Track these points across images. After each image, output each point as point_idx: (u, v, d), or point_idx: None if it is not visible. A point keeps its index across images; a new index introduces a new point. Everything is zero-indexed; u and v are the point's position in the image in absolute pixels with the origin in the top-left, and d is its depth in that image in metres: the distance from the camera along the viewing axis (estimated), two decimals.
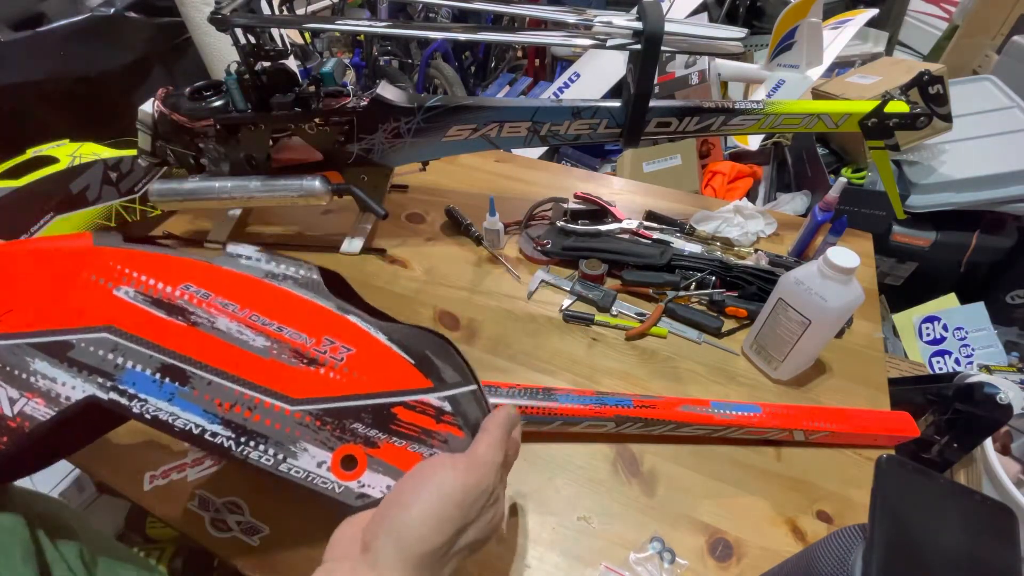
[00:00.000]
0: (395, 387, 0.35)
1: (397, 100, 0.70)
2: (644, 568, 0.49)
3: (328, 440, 0.34)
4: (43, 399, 0.34)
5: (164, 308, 0.34)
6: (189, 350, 0.34)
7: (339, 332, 0.35)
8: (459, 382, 0.36)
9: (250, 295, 0.35)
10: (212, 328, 0.34)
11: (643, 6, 0.63)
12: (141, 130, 0.75)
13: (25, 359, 0.34)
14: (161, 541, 0.86)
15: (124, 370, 0.34)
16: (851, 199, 1.25)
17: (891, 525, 0.31)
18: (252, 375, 0.34)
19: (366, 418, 0.34)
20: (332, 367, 0.34)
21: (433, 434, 0.35)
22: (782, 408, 0.58)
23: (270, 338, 0.34)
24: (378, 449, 0.34)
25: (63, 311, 0.34)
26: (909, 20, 2.01)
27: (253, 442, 0.34)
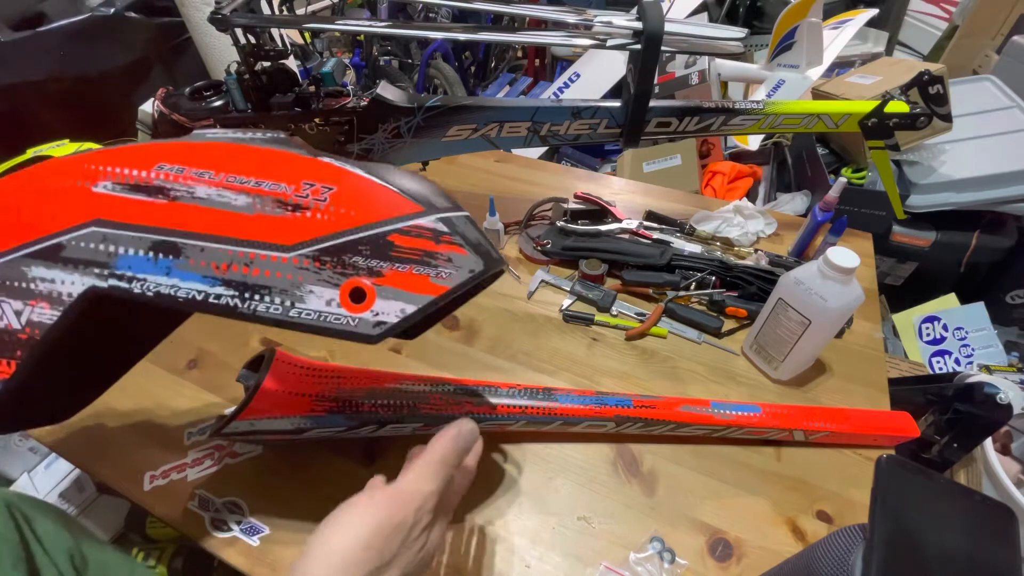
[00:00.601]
0: (386, 215, 0.34)
1: (397, 100, 0.70)
2: (644, 568, 0.49)
3: (332, 278, 0.34)
4: (47, 302, 0.35)
5: (143, 191, 0.35)
6: (175, 223, 0.34)
7: (316, 174, 0.34)
8: (450, 207, 0.35)
9: (222, 160, 0.35)
10: (192, 198, 0.34)
11: (643, 6, 0.63)
12: (141, 130, 0.75)
13: (22, 270, 0.35)
14: (161, 541, 0.86)
15: (117, 256, 0.35)
16: (851, 199, 1.25)
17: (891, 525, 0.31)
18: (241, 232, 0.34)
19: (364, 250, 0.34)
20: (318, 208, 0.34)
21: (435, 255, 0.34)
22: (782, 408, 0.58)
23: (250, 194, 0.34)
24: (383, 277, 0.34)
25: (49, 219, 0.35)
26: (909, 20, 2.01)
27: (258, 295, 0.34)
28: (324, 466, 0.56)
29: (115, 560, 0.51)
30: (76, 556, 0.46)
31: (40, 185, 0.36)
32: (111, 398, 0.64)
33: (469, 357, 0.68)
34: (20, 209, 0.36)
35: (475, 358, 0.68)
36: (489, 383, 0.56)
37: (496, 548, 0.50)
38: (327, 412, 0.52)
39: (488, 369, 0.67)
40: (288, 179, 0.34)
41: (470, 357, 0.68)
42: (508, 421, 0.55)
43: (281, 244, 0.34)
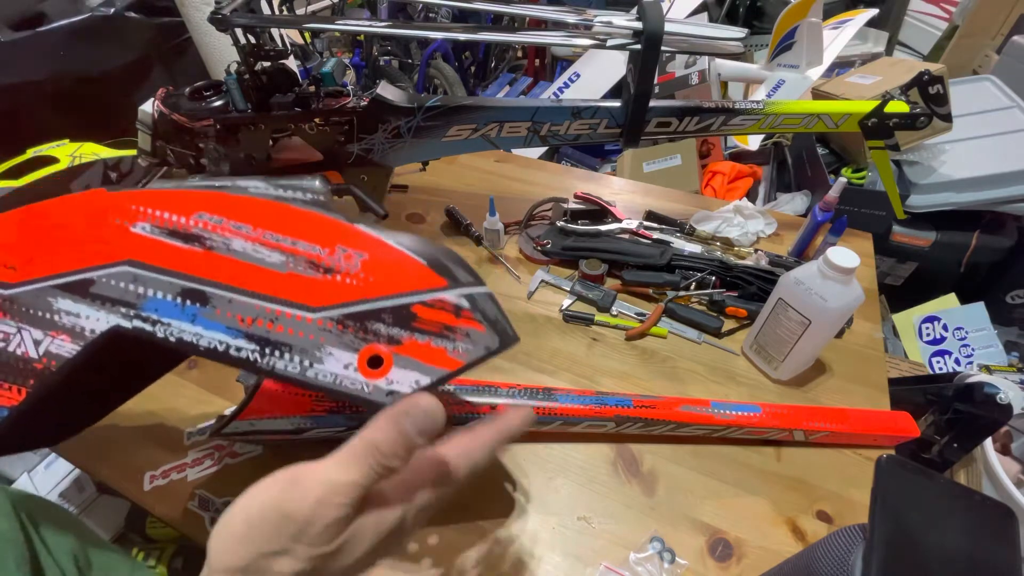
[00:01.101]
0: (411, 287, 0.35)
1: (397, 100, 0.70)
2: (644, 568, 0.49)
3: (352, 342, 0.34)
4: (68, 335, 0.35)
5: (180, 237, 0.35)
6: (207, 272, 0.35)
7: (350, 240, 0.35)
8: (472, 282, 0.36)
9: (261, 216, 0.35)
10: (228, 250, 0.35)
11: (643, 6, 0.63)
12: (141, 130, 0.75)
13: (48, 300, 0.35)
14: (161, 541, 0.86)
15: (146, 298, 0.35)
16: (851, 199, 1.25)
17: (891, 525, 0.31)
18: (270, 289, 0.35)
19: (387, 318, 0.34)
20: (348, 273, 0.35)
21: (455, 329, 0.35)
22: (782, 408, 0.58)
23: (285, 253, 0.35)
24: (402, 346, 0.34)
25: (83, 253, 0.35)
26: (909, 20, 2.01)
27: (278, 352, 0.34)
28: None
29: (117, 561, 0.51)
30: (80, 557, 0.46)
31: (79, 218, 0.36)
32: None
33: None
34: (57, 239, 0.36)
35: None
36: (489, 383, 0.56)
37: (496, 548, 0.50)
38: (327, 412, 0.52)
39: (488, 369, 0.67)
40: (323, 242, 0.35)
41: None
42: None
43: (308, 305, 0.35)
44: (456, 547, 0.51)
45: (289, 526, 0.26)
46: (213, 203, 0.35)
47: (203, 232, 0.35)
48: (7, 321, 0.36)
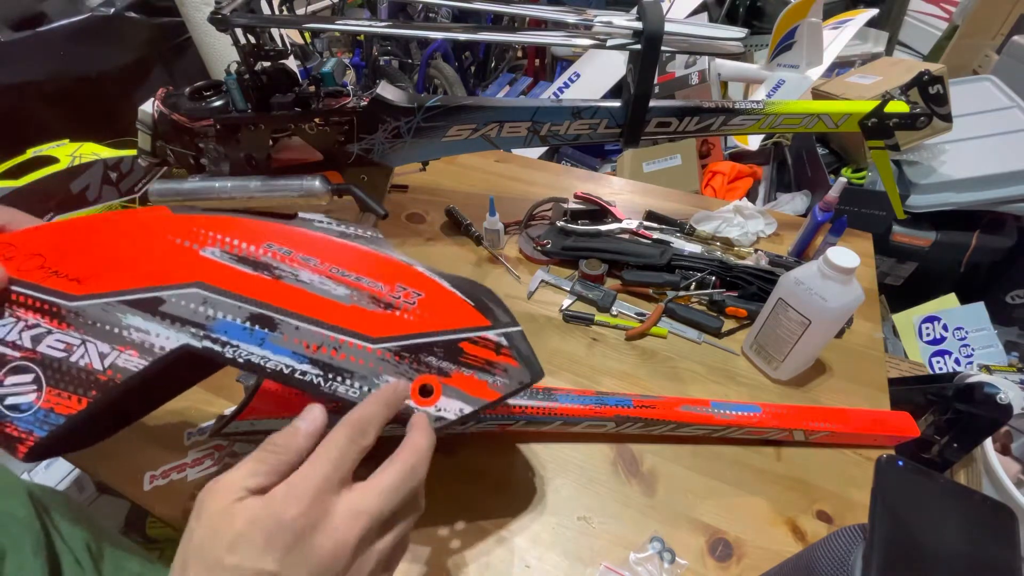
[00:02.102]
0: (460, 325, 0.39)
1: (397, 100, 0.70)
2: (644, 568, 0.49)
3: (407, 372, 0.38)
4: (137, 350, 0.37)
5: (250, 264, 0.37)
6: (276, 300, 0.37)
7: (409, 280, 0.39)
8: (510, 322, 0.41)
9: (328, 251, 0.38)
10: (296, 280, 0.38)
11: (643, 6, 0.63)
12: (141, 130, 0.75)
13: (117, 315, 0.37)
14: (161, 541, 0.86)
15: (215, 320, 0.37)
16: (851, 199, 1.25)
17: (891, 525, 0.31)
18: (335, 319, 0.37)
19: (438, 352, 0.38)
20: (406, 310, 0.38)
21: (495, 364, 0.39)
22: (782, 408, 0.58)
23: (349, 287, 0.38)
24: (450, 378, 0.39)
25: (151, 272, 0.37)
26: (909, 20, 2.01)
27: (340, 377, 0.37)
28: None
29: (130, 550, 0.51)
30: (92, 546, 0.47)
31: (145, 236, 0.37)
32: None
33: None
34: (122, 255, 0.37)
35: None
36: None
37: (496, 548, 0.50)
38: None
39: None
40: (385, 280, 0.38)
41: None
42: (508, 421, 0.55)
43: (369, 335, 0.38)
44: (456, 547, 0.51)
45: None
46: (281, 235, 0.38)
47: (272, 261, 0.38)
48: (71, 333, 0.36)
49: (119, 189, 0.87)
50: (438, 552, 0.50)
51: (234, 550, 0.26)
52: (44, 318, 0.37)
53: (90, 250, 0.37)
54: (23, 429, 0.36)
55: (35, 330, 0.36)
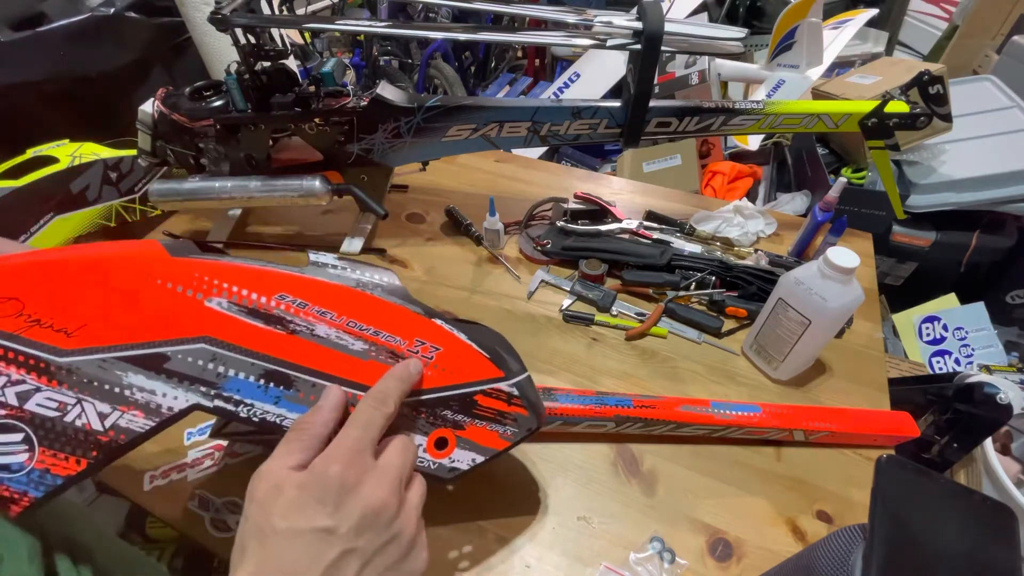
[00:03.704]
0: (475, 378, 0.39)
1: (397, 100, 0.70)
2: (644, 568, 0.49)
3: (424, 426, 0.38)
4: (141, 411, 0.34)
5: (261, 318, 0.35)
6: (291, 356, 0.35)
7: (427, 334, 0.38)
8: (520, 370, 0.41)
9: (344, 303, 0.37)
10: (312, 335, 0.36)
11: (643, 6, 0.63)
12: (141, 130, 0.75)
13: (116, 373, 0.34)
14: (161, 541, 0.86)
15: (227, 378, 0.35)
16: (851, 199, 1.25)
17: (891, 525, 0.31)
18: (353, 375, 0.36)
19: (454, 406, 0.39)
20: (424, 364, 0.38)
21: (506, 415, 0.40)
22: (782, 408, 0.58)
23: (367, 342, 0.37)
24: (464, 431, 0.39)
25: (150, 324, 0.34)
26: (909, 20, 2.01)
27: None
28: None
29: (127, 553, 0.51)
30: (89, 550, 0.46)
31: (141, 282, 0.34)
32: None
33: None
34: (117, 303, 0.34)
35: None
36: None
37: (496, 548, 0.50)
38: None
39: None
40: (403, 334, 0.37)
41: None
42: None
43: None
44: (455, 547, 0.51)
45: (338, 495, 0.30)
46: (294, 285, 0.36)
47: (286, 314, 0.35)
48: (63, 391, 0.33)
49: (119, 189, 0.87)
50: (438, 552, 0.50)
51: (287, 516, 0.28)
52: (30, 374, 0.33)
53: (77, 296, 0.33)
54: (16, 490, 0.33)
55: (20, 387, 0.33)
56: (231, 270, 0.35)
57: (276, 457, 0.31)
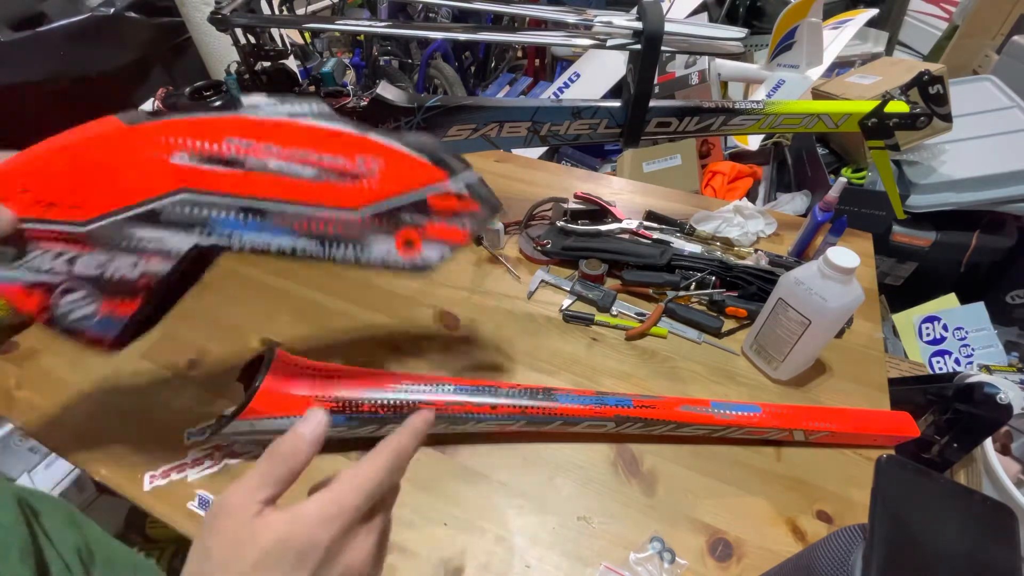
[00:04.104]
0: (423, 183, 0.43)
1: (397, 100, 0.70)
2: (644, 568, 0.49)
3: (388, 230, 0.43)
4: (158, 256, 0.41)
5: (220, 162, 0.40)
6: (256, 191, 0.41)
7: (366, 149, 0.42)
8: (463, 167, 0.45)
9: (283, 135, 0.40)
10: (266, 169, 0.40)
11: (643, 6, 0.63)
12: None
13: (127, 231, 0.40)
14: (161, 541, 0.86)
15: (210, 218, 0.41)
16: (851, 199, 1.25)
17: (891, 525, 0.31)
18: (312, 198, 0.41)
19: (409, 209, 0.43)
20: (371, 178, 0.42)
21: (460, 211, 0.44)
22: (782, 408, 0.58)
23: (315, 167, 0.41)
24: (425, 229, 0.44)
25: (135, 188, 0.40)
26: (909, 20, 2.01)
27: (334, 245, 0.43)
28: (324, 466, 0.56)
29: (122, 554, 0.51)
30: (83, 550, 0.46)
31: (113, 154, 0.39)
32: (111, 398, 0.64)
33: (469, 357, 0.68)
34: (103, 176, 0.39)
35: (475, 358, 0.68)
36: (489, 383, 0.56)
37: (496, 548, 0.50)
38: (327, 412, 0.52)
39: (488, 369, 0.67)
40: (344, 153, 0.41)
41: (470, 357, 0.68)
42: (508, 421, 0.55)
43: (346, 207, 0.42)
44: (456, 546, 0.51)
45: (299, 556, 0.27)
46: (237, 127, 0.40)
47: (238, 156, 0.40)
48: (95, 253, 0.40)
49: None
50: (438, 552, 0.50)
51: (262, 567, 0.26)
52: (68, 244, 0.40)
53: (70, 177, 0.39)
54: (98, 332, 0.42)
55: (64, 256, 0.40)
56: (181, 126, 0.39)
57: (245, 489, 0.28)
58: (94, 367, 0.68)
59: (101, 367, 0.68)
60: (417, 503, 0.54)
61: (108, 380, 0.66)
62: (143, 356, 0.69)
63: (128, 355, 0.69)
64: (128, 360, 0.68)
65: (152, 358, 0.68)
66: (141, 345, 0.70)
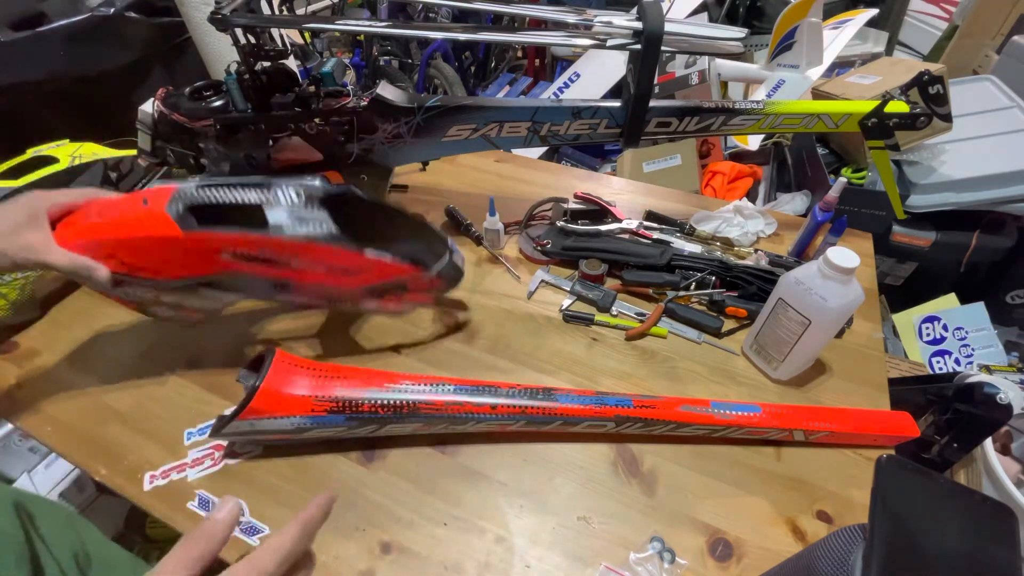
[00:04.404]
0: (402, 275, 0.59)
1: (397, 100, 0.70)
2: (644, 568, 0.49)
3: (376, 296, 0.61)
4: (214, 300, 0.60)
5: (255, 260, 0.54)
6: (283, 275, 0.56)
7: (361, 260, 0.55)
8: (435, 261, 0.61)
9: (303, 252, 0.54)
10: (289, 267, 0.55)
11: (643, 6, 0.63)
12: (141, 130, 0.75)
13: (196, 291, 0.57)
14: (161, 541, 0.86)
15: (252, 287, 0.58)
16: (851, 199, 1.25)
17: (891, 525, 0.31)
18: (325, 281, 0.57)
19: (392, 287, 0.61)
20: (366, 273, 0.57)
21: (429, 288, 0.63)
22: (782, 408, 0.58)
23: (326, 264, 0.56)
24: (402, 296, 0.62)
25: (196, 266, 0.54)
26: (909, 20, 2.01)
27: (336, 302, 0.63)
28: (324, 466, 0.56)
29: (119, 558, 0.51)
30: (80, 555, 0.46)
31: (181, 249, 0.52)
32: (111, 398, 0.64)
33: (469, 357, 0.68)
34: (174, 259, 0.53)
35: (475, 358, 0.68)
36: (489, 383, 0.56)
37: (496, 548, 0.50)
38: (327, 412, 0.52)
39: (488, 369, 0.67)
40: (348, 262, 0.55)
41: (470, 357, 0.68)
42: (508, 421, 0.55)
43: (347, 286, 0.59)
44: (456, 546, 0.51)
45: None
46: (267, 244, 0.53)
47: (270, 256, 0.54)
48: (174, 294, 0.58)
49: (119, 189, 0.87)
50: (438, 552, 0.50)
51: None
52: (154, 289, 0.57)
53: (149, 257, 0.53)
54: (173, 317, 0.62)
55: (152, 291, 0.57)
56: (225, 238, 0.52)
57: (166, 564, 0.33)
58: (94, 367, 0.68)
59: (101, 367, 0.68)
60: (417, 503, 0.54)
61: (108, 380, 0.66)
62: (143, 356, 0.69)
63: (128, 355, 0.69)
64: (128, 360, 0.68)
65: (152, 358, 0.68)
66: (141, 345, 0.70)
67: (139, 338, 0.71)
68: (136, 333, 0.71)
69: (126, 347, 0.70)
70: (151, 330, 0.71)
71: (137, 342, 0.70)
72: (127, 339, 0.71)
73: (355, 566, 0.49)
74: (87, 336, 0.72)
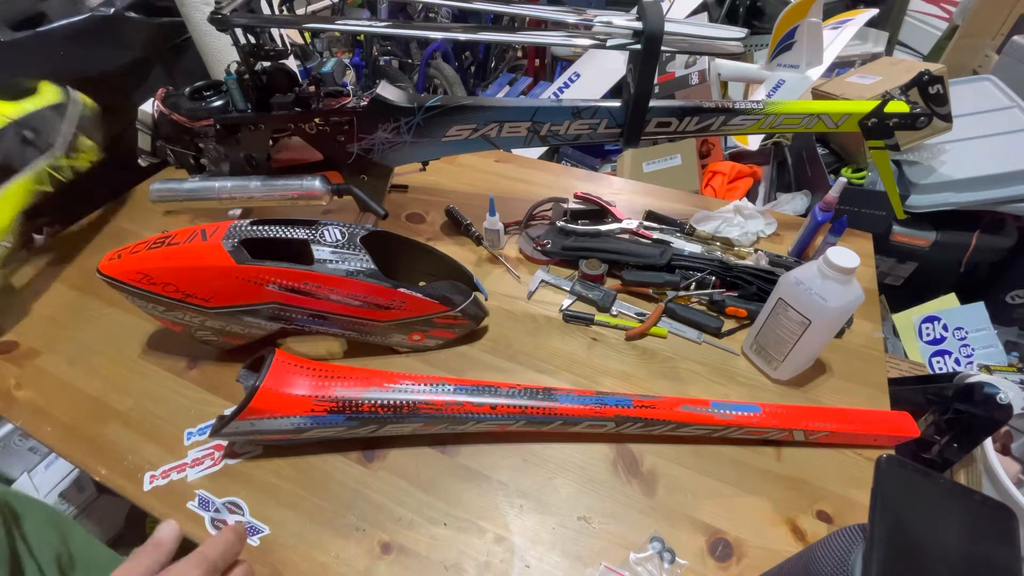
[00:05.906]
0: (430, 312, 0.63)
1: (397, 100, 0.70)
2: (644, 568, 0.49)
3: (404, 332, 0.65)
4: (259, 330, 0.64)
5: (298, 292, 0.58)
6: (321, 307, 0.60)
7: (395, 295, 0.60)
8: (461, 301, 0.65)
9: (343, 286, 0.59)
10: (328, 300, 0.59)
11: (643, 6, 0.63)
12: (141, 130, 0.75)
13: (240, 318, 0.61)
14: None
15: (291, 317, 0.62)
16: (851, 199, 1.25)
17: (891, 525, 0.31)
18: (359, 314, 0.61)
19: (419, 324, 0.64)
20: (398, 308, 0.62)
21: (453, 324, 0.66)
22: (782, 408, 0.58)
23: (362, 300, 0.60)
24: (428, 332, 0.66)
25: (241, 295, 0.58)
26: (909, 20, 2.01)
27: (367, 334, 0.65)
28: (324, 466, 0.56)
29: (104, 558, 0.51)
30: (63, 556, 0.46)
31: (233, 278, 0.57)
32: (111, 398, 0.64)
33: (469, 357, 0.68)
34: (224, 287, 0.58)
35: (475, 358, 0.68)
36: (489, 383, 0.56)
37: (496, 548, 0.50)
38: (327, 412, 0.52)
39: (488, 369, 0.67)
40: (383, 297, 0.60)
41: (470, 357, 0.68)
42: (508, 421, 0.56)
43: (379, 319, 0.63)
44: (456, 546, 0.51)
45: None
46: (312, 278, 0.58)
47: (311, 290, 0.58)
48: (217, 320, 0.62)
49: (39, 148, 0.77)
50: (438, 552, 0.50)
51: None
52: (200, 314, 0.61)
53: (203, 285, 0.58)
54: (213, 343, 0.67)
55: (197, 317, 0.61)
56: (273, 271, 0.57)
57: None
58: (94, 367, 0.68)
59: (101, 367, 0.68)
60: (417, 503, 0.54)
61: (108, 380, 0.66)
62: (143, 356, 0.69)
63: (128, 355, 0.69)
64: (128, 360, 0.68)
65: (152, 358, 0.68)
66: (141, 345, 0.70)
67: (139, 338, 0.71)
68: (136, 333, 0.71)
69: (126, 347, 0.70)
70: (151, 330, 0.71)
71: (137, 342, 0.70)
72: (127, 339, 0.71)
73: (355, 566, 0.49)
74: (87, 336, 0.72)
